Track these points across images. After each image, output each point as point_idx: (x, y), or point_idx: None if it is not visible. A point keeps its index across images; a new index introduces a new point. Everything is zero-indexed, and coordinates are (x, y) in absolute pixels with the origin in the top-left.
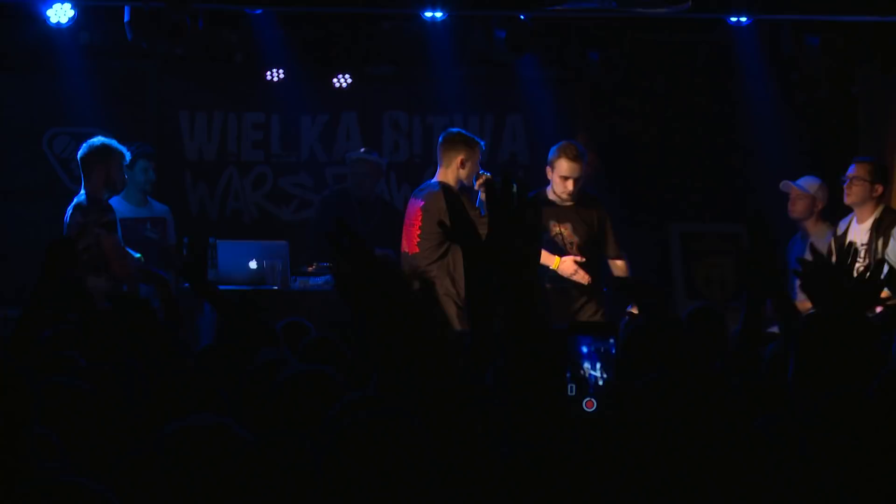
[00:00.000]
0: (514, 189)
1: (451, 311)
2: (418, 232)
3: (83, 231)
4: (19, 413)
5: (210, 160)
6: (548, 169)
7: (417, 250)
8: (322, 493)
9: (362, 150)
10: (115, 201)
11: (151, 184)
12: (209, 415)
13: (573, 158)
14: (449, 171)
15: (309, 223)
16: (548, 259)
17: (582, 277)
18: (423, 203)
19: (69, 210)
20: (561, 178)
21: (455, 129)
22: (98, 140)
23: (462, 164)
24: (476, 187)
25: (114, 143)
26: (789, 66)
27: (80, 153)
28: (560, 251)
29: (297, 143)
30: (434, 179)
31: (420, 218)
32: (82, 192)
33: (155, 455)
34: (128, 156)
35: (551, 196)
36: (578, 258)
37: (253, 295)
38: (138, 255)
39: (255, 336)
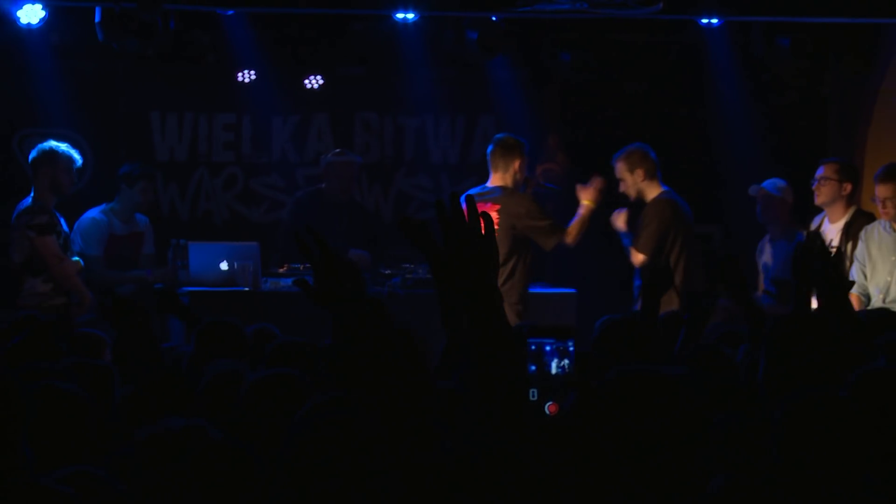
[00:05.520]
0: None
1: (512, 319)
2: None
3: (20, 235)
4: (15, 419)
5: (181, 161)
6: None
7: None
8: (289, 493)
9: (337, 150)
10: (100, 214)
11: (149, 204)
12: (182, 418)
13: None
14: (507, 176)
15: (281, 224)
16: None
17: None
18: (499, 206)
19: (13, 214)
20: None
21: (506, 135)
22: (47, 144)
23: (519, 168)
24: (527, 189)
25: (62, 147)
26: (760, 67)
27: (29, 156)
28: None
29: (268, 144)
30: (490, 184)
31: (498, 220)
32: (29, 196)
33: (130, 459)
34: (78, 161)
35: None
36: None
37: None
38: (76, 259)
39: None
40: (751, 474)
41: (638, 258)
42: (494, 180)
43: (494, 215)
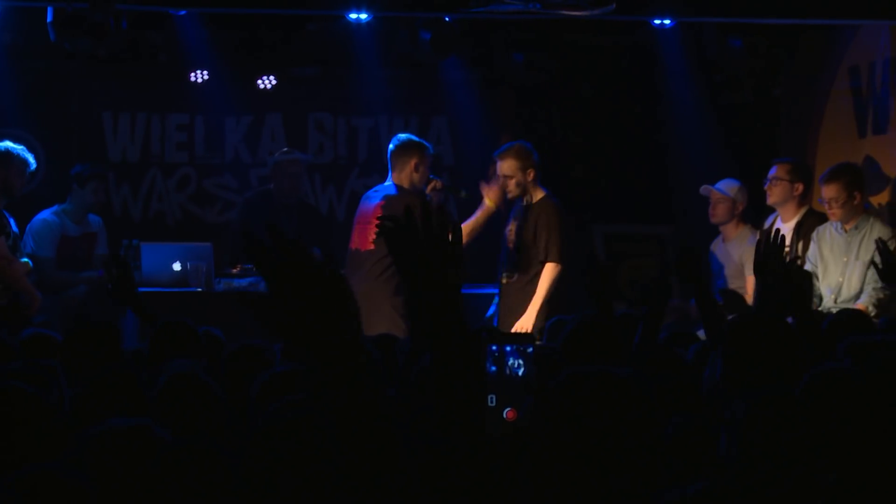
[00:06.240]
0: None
1: (396, 322)
2: (376, 229)
3: None
4: None
5: (133, 161)
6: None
7: (373, 247)
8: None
9: (284, 149)
10: (51, 215)
11: (101, 205)
12: (128, 417)
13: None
14: (403, 176)
15: (230, 224)
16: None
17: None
18: (383, 202)
19: None
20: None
21: (406, 136)
22: (3, 145)
23: (415, 168)
24: (427, 191)
25: (17, 149)
26: (713, 67)
27: None
28: None
29: (221, 144)
30: (388, 183)
31: (381, 215)
32: None
33: (77, 457)
34: (32, 165)
35: None
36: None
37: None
38: (25, 260)
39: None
40: (707, 475)
41: (557, 269)
42: (392, 178)
43: (379, 211)
